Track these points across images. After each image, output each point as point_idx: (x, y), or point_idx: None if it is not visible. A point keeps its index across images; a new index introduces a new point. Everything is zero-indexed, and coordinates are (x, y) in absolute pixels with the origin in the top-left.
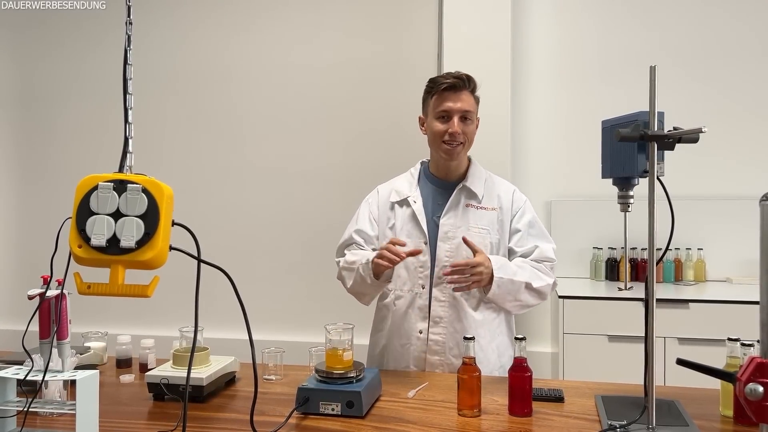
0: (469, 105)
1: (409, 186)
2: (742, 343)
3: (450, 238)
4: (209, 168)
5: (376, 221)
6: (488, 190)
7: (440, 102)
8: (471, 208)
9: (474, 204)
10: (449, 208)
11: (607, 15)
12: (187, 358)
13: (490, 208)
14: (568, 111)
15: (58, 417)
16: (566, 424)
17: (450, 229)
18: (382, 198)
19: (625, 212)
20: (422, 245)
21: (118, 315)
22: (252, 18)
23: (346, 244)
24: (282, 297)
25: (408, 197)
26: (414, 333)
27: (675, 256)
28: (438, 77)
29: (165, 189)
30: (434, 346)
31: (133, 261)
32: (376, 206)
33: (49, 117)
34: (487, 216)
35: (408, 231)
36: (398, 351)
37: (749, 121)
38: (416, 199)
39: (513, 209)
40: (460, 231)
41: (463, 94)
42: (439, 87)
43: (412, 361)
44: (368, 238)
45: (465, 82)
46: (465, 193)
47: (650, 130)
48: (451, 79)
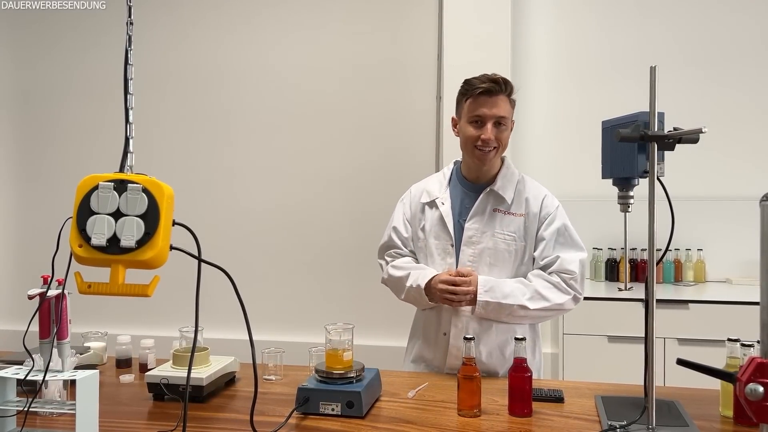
0: (504, 110)
1: (440, 187)
2: (742, 344)
3: (474, 243)
4: (209, 168)
5: (409, 222)
6: (518, 195)
7: (475, 106)
8: (498, 213)
9: (502, 209)
10: (475, 212)
11: (607, 15)
12: (187, 358)
13: (518, 213)
14: (567, 111)
15: (58, 417)
16: (566, 424)
17: (474, 233)
18: (414, 198)
19: (625, 213)
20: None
21: (117, 315)
22: (251, 17)
23: (385, 246)
24: (282, 297)
25: (437, 198)
26: (439, 333)
27: (675, 257)
28: (474, 79)
29: (165, 189)
30: (454, 350)
31: (134, 260)
32: (408, 207)
33: (48, 117)
34: (514, 222)
35: (436, 233)
36: (423, 349)
37: (749, 121)
38: (444, 200)
39: (541, 216)
40: (485, 236)
41: (499, 99)
42: (474, 91)
43: (435, 361)
44: (404, 239)
45: (501, 86)
46: (493, 198)
47: (650, 131)
48: (487, 83)
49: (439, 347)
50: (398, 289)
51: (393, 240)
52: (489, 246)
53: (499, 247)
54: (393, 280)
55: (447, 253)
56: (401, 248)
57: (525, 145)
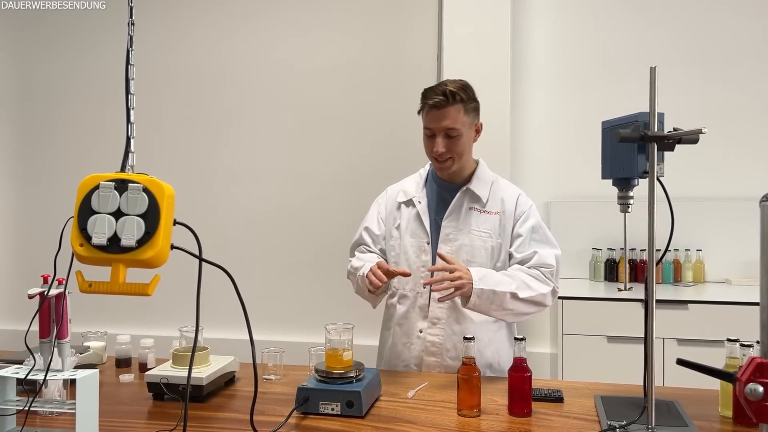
0: (454, 121)
1: (417, 186)
2: (742, 344)
3: (451, 240)
4: (210, 168)
5: (383, 221)
6: (493, 194)
7: (426, 120)
8: (474, 211)
9: (477, 207)
10: (451, 210)
11: (606, 15)
12: (187, 358)
13: (493, 212)
14: (567, 111)
15: (58, 416)
16: (566, 424)
17: (451, 231)
18: (390, 198)
19: (625, 213)
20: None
21: (117, 314)
22: (251, 18)
23: (356, 243)
24: (282, 297)
25: (413, 197)
26: (414, 332)
27: (674, 257)
28: (428, 91)
29: (166, 188)
30: (431, 347)
31: (134, 260)
32: (384, 206)
33: (49, 117)
34: (489, 220)
35: (412, 231)
36: (400, 349)
37: (749, 122)
38: (421, 199)
39: (516, 214)
40: (461, 234)
41: (448, 111)
42: (425, 105)
43: (413, 360)
44: (375, 237)
45: (449, 98)
46: (468, 196)
47: (650, 131)
48: (434, 98)
49: (414, 346)
50: (353, 281)
51: (363, 238)
52: (465, 243)
53: (475, 244)
54: (351, 271)
55: (422, 250)
56: (370, 246)
57: (524, 145)
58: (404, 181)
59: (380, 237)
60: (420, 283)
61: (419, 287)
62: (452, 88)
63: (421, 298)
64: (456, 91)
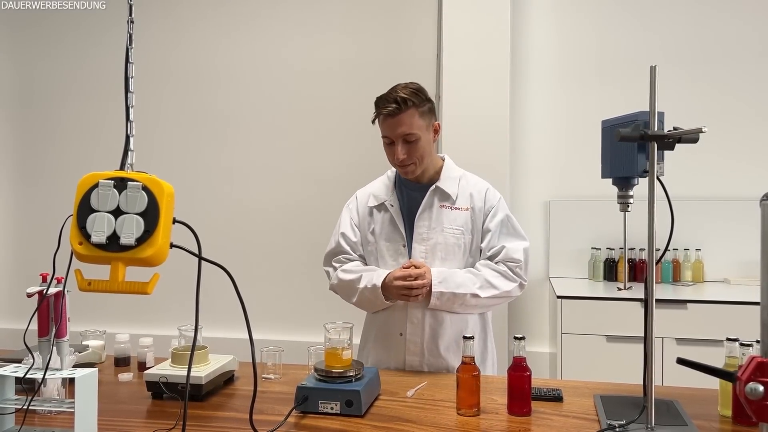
0: (409, 126)
1: (386, 189)
2: (741, 343)
3: (425, 239)
4: (209, 167)
5: (357, 226)
6: (462, 190)
7: (382, 127)
8: (445, 209)
9: (448, 205)
10: (423, 209)
11: (606, 15)
12: (186, 357)
13: (464, 208)
14: (566, 111)
15: (56, 415)
16: (565, 423)
17: (424, 230)
18: (361, 203)
19: (625, 212)
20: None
21: (116, 313)
22: (251, 17)
23: (333, 252)
24: (281, 296)
25: (385, 201)
26: (395, 333)
27: (673, 257)
28: (381, 99)
29: (165, 187)
30: (412, 347)
31: (133, 258)
32: (356, 212)
33: (47, 116)
34: (461, 217)
35: (387, 234)
36: (379, 351)
37: (748, 121)
38: (393, 202)
39: (486, 209)
40: (434, 232)
41: (403, 117)
42: (379, 114)
43: (392, 363)
44: (353, 244)
45: (401, 105)
46: (439, 194)
47: (650, 130)
48: (386, 107)
49: (396, 348)
50: (350, 293)
51: (341, 246)
52: (440, 241)
53: (449, 242)
54: (343, 284)
55: (399, 253)
56: (350, 253)
57: (524, 144)
58: (372, 184)
59: (357, 243)
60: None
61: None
62: (403, 94)
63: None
64: (408, 97)
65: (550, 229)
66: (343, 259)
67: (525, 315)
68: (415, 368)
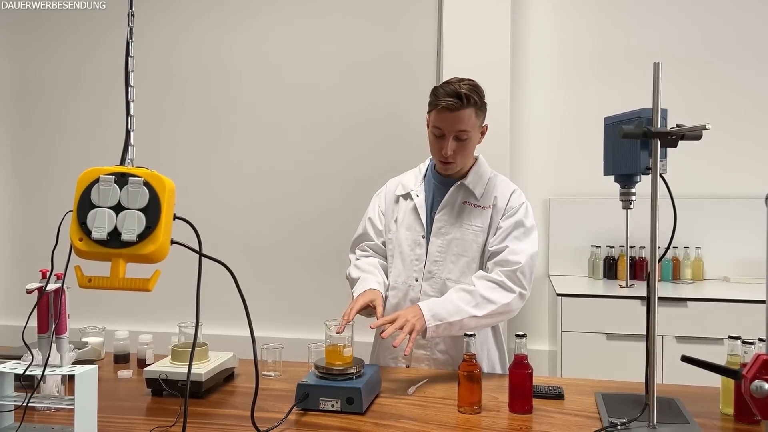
0: (465, 124)
1: (415, 180)
2: (743, 341)
3: (443, 234)
4: (210, 164)
5: (383, 214)
6: (488, 190)
7: (437, 120)
8: (467, 205)
9: (471, 202)
10: (445, 204)
11: (606, 13)
12: (186, 354)
13: (487, 206)
14: (565, 108)
15: (56, 412)
16: (566, 421)
17: (443, 225)
18: (389, 191)
19: (627, 210)
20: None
21: (116, 310)
22: (252, 15)
23: (358, 239)
24: (281, 293)
25: (411, 191)
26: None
27: (673, 255)
28: (440, 90)
29: (166, 182)
30: (420, 340)
31: (135, 254)
32: (383, 199)
33: (47, 113)
34: (483, 215)
35: (408, 224)
36: (388, 342)
37: (748, 120)
38: (419, 193)
39: (506, 209)
40: (453, 228)
41: (461, 114)
42: (437, 105)
43: (401, 353)
44: (378, 231)
45: (464, 101)
46: (463, 191)
47: (653, 127)
48: (448, 100)
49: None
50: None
51: (367, 231)
52: (457, 237)
53: (466, 238)
54: (349, 279)
55: (417, 244)
56: (374, 239)
57: (524, 142)
58: (404, 174)
59: (382, 231)
60: (412, 276)
61: (411, 280)
62: (465, 90)
63: (413, 291)
64: (470, 94)
65: (550, 226)
66: (365, 247)
67: (525, 313)
68: (420, 362)
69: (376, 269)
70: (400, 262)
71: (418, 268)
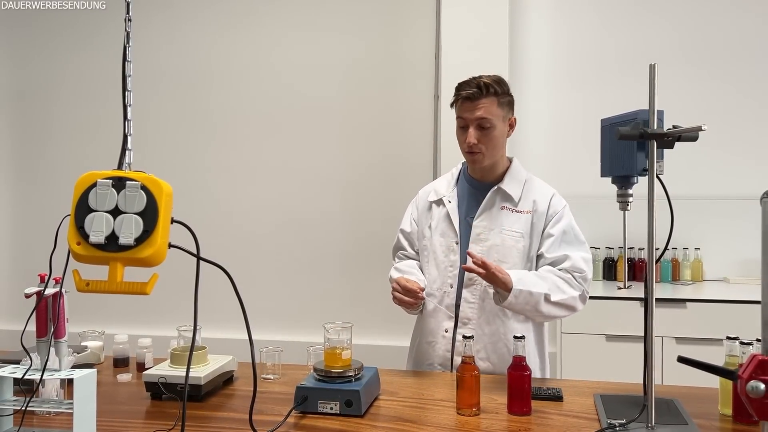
0: (487, 112)
1: (447, 186)
2: (741, 342)
3: (482, 240)
4: (208, 167)
5: (416, 221)
6: (526, 193)
7: (460, 111)
8: (505, 210)
9: (509, 206)
10: (483, 209)
11: (605, 14)
12: (185, 357)
13: (526, 211)
14: (564, 110)
15: (55, 416)
16: (565, 422)
17: (482, 231)
18: (422, 198)
19: (624, 211)
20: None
21: (115, 314)
22: (250, 17)
23: (396, 247)
24: (280, 296)
25: (443, 197)
26: (440, 331)
27: (672, 256)
28: (462, 84)
29: (164, 186)
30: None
31: (132, 258)
32: (416, 206)
33: (45, 115)
34: (521, 220)
35: (442, 230)
36: (425, 348)
37: (747, 120)
38: (451, 199)
39: (549, 214)
40: (492, 233)
41: (482, 102)
42: (459, 96)
43: (437, 360)
44: (410, 239)
45: (483, 90)
46: (500, 196)
47: (650, 129)
48: (467, 90)
49: (439, 346)
50: None
51: (400, 241)
52: (497, 243)
53: (506, 244)
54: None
55: (451, 250)
56: (407, 249)
57: (522, 143)
58: (436, 180)
59: (414, 238)
60: (447, 283)
61: (446, 287)
62: (486, 80)
63: (448, 297)
64: (490, 84)
65: None
66: (401, 255)
67: None
68: None
69: (416, 270)
70: (435, 268)
71: (453, 274)
